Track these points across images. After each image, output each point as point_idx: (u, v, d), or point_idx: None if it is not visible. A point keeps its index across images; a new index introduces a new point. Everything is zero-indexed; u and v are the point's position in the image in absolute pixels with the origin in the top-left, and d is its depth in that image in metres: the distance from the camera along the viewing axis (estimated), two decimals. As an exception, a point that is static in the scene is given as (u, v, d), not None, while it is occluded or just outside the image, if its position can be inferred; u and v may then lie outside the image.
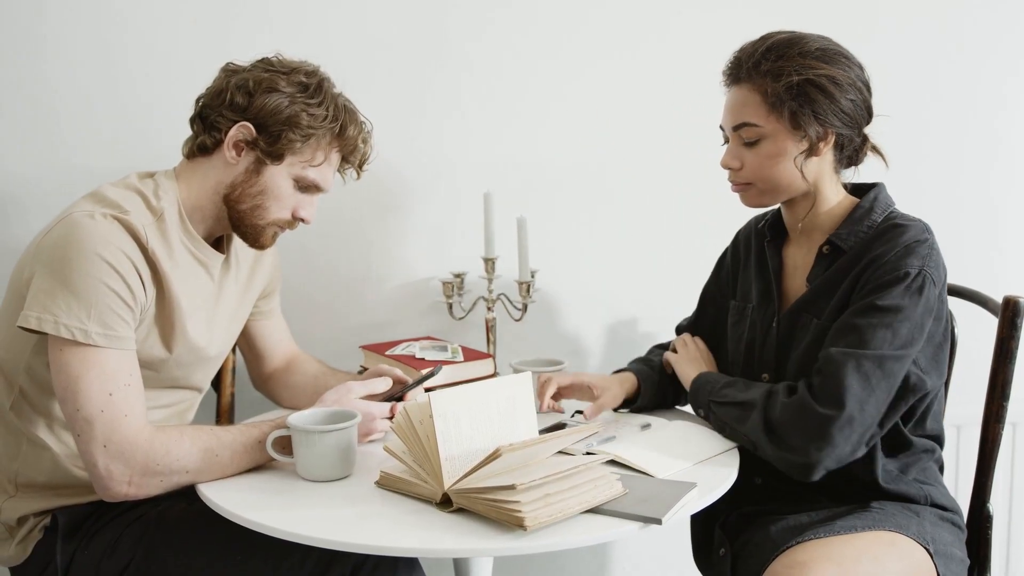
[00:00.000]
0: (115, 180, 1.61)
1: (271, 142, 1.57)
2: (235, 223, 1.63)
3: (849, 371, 1.48)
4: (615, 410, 1.81)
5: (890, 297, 1.51)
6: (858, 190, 1.71)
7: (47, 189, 1.97)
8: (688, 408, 1.82)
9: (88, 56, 1.98)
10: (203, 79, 1.65)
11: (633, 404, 1.81)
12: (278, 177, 1.61)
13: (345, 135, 1.64)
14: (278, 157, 1.59)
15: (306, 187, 1.64)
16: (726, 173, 1.68)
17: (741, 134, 1.62)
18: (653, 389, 1.81)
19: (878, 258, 1.56)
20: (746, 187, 1.67)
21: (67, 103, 1.99)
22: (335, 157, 1.66)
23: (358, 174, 1.74)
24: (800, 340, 1.65)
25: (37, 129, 1.98)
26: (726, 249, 1.92)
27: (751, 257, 1.82)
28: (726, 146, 1.68)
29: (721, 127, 1.69)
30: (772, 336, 1.70)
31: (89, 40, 1.98)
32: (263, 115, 1.56)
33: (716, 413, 1.65)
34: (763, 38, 1.63)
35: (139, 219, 1.52)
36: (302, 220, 1.66)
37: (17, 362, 1.55)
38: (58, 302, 1.43)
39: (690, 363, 1.80)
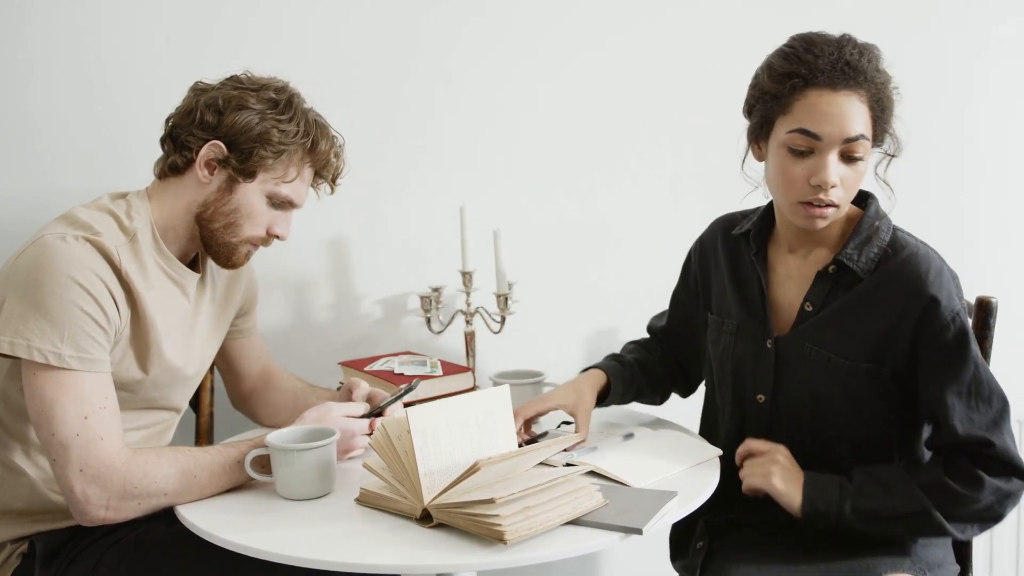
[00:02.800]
0: (87, 201, 1.61)
1: (243, 160, 1.57)
2: (207, 242, 1.63)
3: (1012, 446, 1.50)
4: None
5: (970, 354, 1.49)
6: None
7: (20, 210, 1.95)
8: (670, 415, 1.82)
9: (62, 75, 1.97)
10: (177, 98, 1.64)
11: (606, 400, 1.76)
12: (251, 195, 1.60)
13: (317, 150, 1.63)
14: (250, 175, 1.58)
15: (280, 204, 1.63)
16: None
17: (850, 148, 1.47)
18: (624, 384, 1.77)
19: (932, 306, 1.48)
20: (833, 209, 1.51)
21: (40, 123, 1.98)
22: (308, 172, 1.66)
23: (332, 189, 1.73)
24: (806, 370, 1.57)
25: (9, 149, 1.97)
26: (690, 254, 1.83)
27: (721, 265, 1.72)
28: (817, 158, 1.48)
29: (808, 132, 1.47)
30: (767, 358, 1.61)
31: (63, 59, 1.97)
32: (234, 133, 1.56)
33: (867, 530, 1.50)
34: (852, 40, 1.50)
35: (112, 240, 1.51)
36: (277, 237, 1.66)
37: (-10, 388, 1.54)
38: (31, 326, 1.41)
39: (791, 481, 1.54)
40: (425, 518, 1.35)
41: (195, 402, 1.95)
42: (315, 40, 2.11)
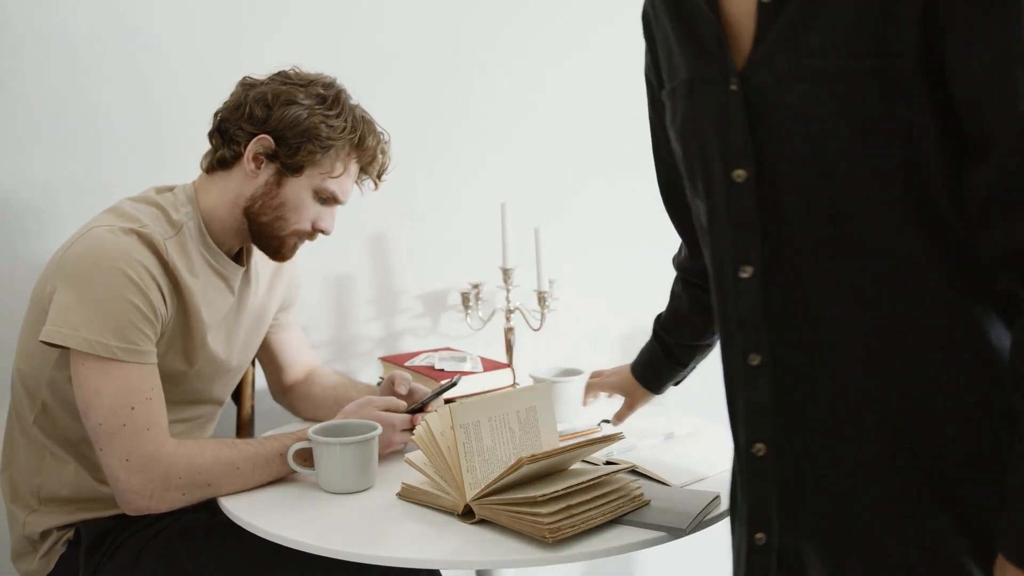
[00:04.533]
0: (134, 195, 1.62)
1: (291, 154, 1.58)
2: (256, 235, 1.64)
3: None
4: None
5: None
6: None
7: (68, 202, 1.98)
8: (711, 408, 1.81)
9: (110, 68, 1.99)
10: (220, 93, 1.65)
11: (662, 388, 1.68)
12: (298, 189, 1.61)
13: (364, 146, 1.64)
14: (298, 169, 1.59)
15: (325, 199, 1.64)
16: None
17: None
18: (655, 371, 1.68)
19: None
20: None
21: (88, 114, 1.99)
22: (354, 168, 1.66)
23: (376, 184, 1.74)
24: (789, 100, 0.98)
25: (57, 141, 1.99)
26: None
27: (663, 22, 1.14)
28: None
29: None
30: (735, 108, 1.01)
31: (110, 51, 1.98)
32: (282, 127, 1.57)
33: None
34: None
35: (159, 233, 1.52)
36: (322, 231, 1.67)
37: (39, 376, 1.55)
38: (80, 316, 1.43)
39: None
40: (467, 514, 1.35)
41: (236, 395, 1.96)
42: (354, 35, 2.11)
